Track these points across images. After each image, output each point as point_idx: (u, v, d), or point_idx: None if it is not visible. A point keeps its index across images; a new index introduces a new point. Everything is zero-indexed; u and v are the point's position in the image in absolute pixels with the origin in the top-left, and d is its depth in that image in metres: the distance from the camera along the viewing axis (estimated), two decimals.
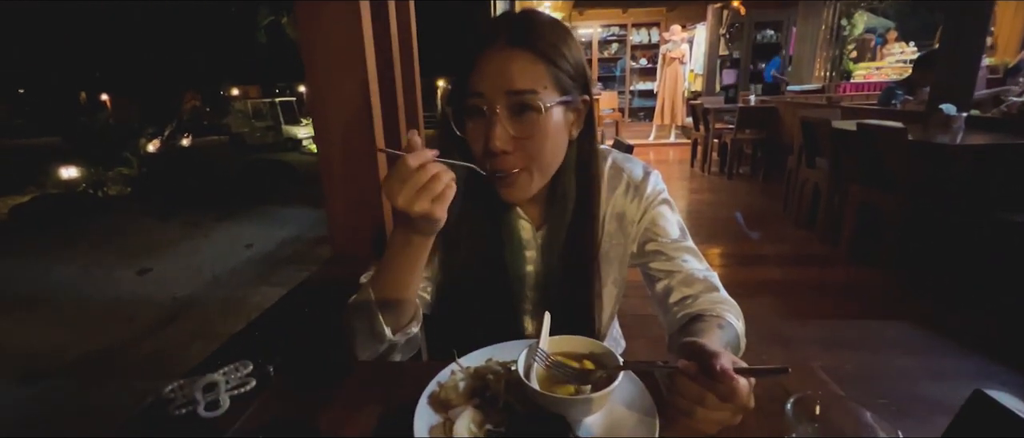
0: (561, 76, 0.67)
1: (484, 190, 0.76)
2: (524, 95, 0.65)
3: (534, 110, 0.65)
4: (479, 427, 0.54)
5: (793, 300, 2.53)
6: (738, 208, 4.31)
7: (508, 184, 0.70)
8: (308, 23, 1.25)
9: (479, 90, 0.66)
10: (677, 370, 0.49)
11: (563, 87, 0.68)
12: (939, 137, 2.54)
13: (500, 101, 0.65)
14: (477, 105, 0.66)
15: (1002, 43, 5.32)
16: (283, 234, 5.31)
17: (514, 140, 0.66)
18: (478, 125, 0.68)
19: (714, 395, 0.47)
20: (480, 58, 0.66)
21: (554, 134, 0.68)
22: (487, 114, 0.66)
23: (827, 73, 7.52)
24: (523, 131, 0.66)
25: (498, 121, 0.65)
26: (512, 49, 0.66)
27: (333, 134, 1.32)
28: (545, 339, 0.61)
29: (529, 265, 0.81)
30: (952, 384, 1.71)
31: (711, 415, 0.48)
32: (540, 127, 0.66)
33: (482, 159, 0.69)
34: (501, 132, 0.65)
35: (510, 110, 0.66)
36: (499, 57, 0.65)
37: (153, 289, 3.95)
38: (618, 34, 10.73)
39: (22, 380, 2.67)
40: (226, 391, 0.65)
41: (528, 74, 0.65)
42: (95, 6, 12.20)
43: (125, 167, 8.25)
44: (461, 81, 0.68)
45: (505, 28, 0.67)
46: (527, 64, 0.65)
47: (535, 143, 0.67)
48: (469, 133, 0.69)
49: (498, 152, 0.66)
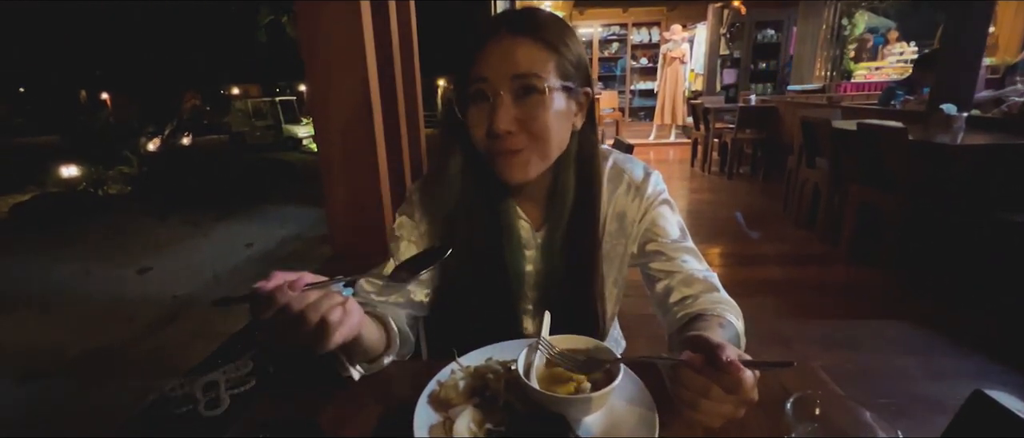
0: (564, 63, 0.69)
1: (484, 191, 0.76)
2: (528, 78, 0.66)
3: (538, 92, 0.67)
4: (479, 426, 0.54)
5: (793, 300, 2.53)
6: (738, 208, 4.31)
7: (509, 164, 0.70)
8: (308, 23, 1.25)
9: (483, 75, 0.67)
10: (681, 363, 0.49)
11: (565, 74, 0.70)
12: (939, 137, 2.54)
13: (504, 85, 0.66)
14: (481, 90, 0.68)
15: (1003, 42, 5.32)
16: (283, 233, 5.31)
17: (517, 122, 0.68)
18: (480, 110, 0.69)
19: (719, 387, 0.47)
20: (483, 48, 0.68)
21: (556, 117, 0.69)
22: (491, 98, 0.67)
23: (828, 73, 7.52)
24: (526, 113, 0.68)
25: (502, 104, 0.66)
26: (516, 37, 0.67)
27: (333, 133, 1.32)
28: (545, 338, 0.62)
29: (529, 264, 0.81)
30: (952, 384, 1.72)
31: (716, 407, 0.48)
32: (543, 108, 0.68)
33: (484, 142, 0.70)
34: (504, 114, 0.66)
35: (514, 94, 0.67)
36: (503, 45, 0.67)
37: (153, 288, 3.96)
38: (618, 33, 10.73)
39: (22, 379, 2.67)
40: (226, 390, 0.65)
41: (532, 59, 0.67)
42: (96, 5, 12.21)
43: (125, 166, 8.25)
44: (463, 71, 0.70)
45: (507, 20, 0.69)
46: (531, 50, 0.67)
47: (538, 124, 0.68)
48: (471, 118, 0.70)
49: (502, 133, 0.67)
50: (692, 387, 0.48)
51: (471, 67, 0.68)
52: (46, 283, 4.20)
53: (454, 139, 0.74)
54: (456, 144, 0.75)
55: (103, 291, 3.95)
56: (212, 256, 4.67)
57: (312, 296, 0.52)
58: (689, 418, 0.50)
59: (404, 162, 1.66)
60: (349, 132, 1.31)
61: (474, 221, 0.77)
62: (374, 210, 1.37)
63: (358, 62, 1.27)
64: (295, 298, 0.51)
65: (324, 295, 0.53)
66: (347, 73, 1.27)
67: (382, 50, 1.47)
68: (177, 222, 5.97)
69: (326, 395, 0.65)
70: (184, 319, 3.33)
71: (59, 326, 3.36)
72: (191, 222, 5.91)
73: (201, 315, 3.38)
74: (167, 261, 4.61)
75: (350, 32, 1.24)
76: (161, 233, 5.60)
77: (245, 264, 4.46)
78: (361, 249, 1.38)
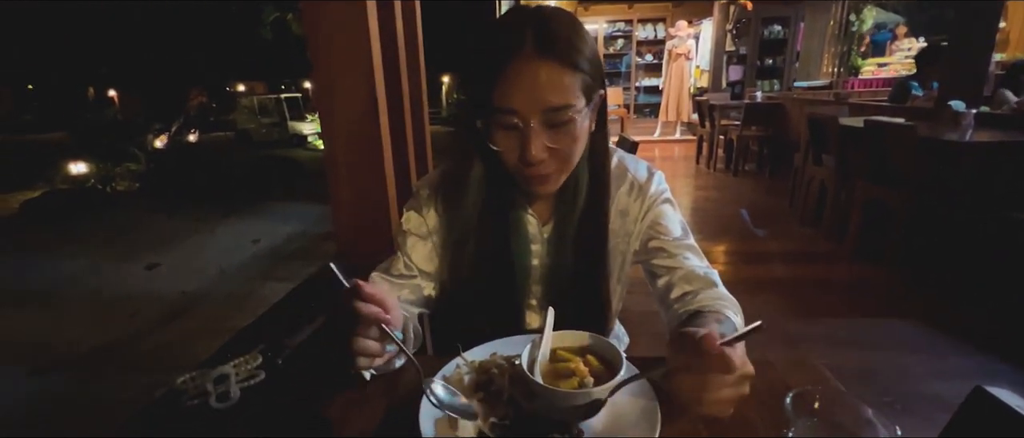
0: (587, 80, 0.67)
1: (497, 193, 0.77)
2: (559, 111, 0.65)
3: (567, 121, 0.66)
4: (484, 420, 0.55)
5: (798, 297, 2.53)
6: (744, 205, 4.29)
7: (539, 182, 0.71)
8: (314, 22, 1.26)
9: (512, 106, 0.65)
10: (669, 372, 0.50)
11: (589, 92, 0.68)
12: (948, 134, 2.52)
13: (535, 117, 0.65)
14: (511, 122, 0.66)
15: (1014, 38, 5.26)
16: (289, 230, 5.34)
17: (547, 149, 0.67)
18: (510, 137, 0.67)
19: (712, 377, 0.47)
20: (507, 70, 0.64)
21: (583, 136, 0.70)
22: (522, 128, 0.66)
23: (835, 69, 7.46)
24: (557, 141, 0.67)
25: (534, 134, 0.65)
26: (541, 61, 0.64)
27: (339, 131, 1.33)
28: (549, 334, 0.62)
29: (535, 259, 0.82)
30: (955, 382, 1.71)
31: (718, 395, 0.47)
32: (572, 135, 0.68)
33: (515, 165, 0.70)
34: (537, 143, 0.66)
35: (544, 124, 0.66)
36: (528, 71, 0.64)
37: (162, 284, 3.99)
38: (624, 30, 10.68)
39: (32, 372, 2.71)
40: (236, 383, 0.66)
41: (561, 89, 0.65)
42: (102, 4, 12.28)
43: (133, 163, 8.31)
44: (483, 91, 0.66)
45: (529, 34, 0.64)
46: (558, 77, 0.64)
47: (568, 149, 0.69)
48: (500, 142, 0.68)
49: (535, 163, 0.67)
50: (688, 388, 0.48)
51: (494, 89, 0.65)
52: (56, 279, 4.24)
53: (471, 146, 0.74)
54: (473, 150, 0.74)
55: (111, 287, 3.99)
56: (219, 252, 4.70)
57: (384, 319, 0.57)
58: (699, 415, 0.50)
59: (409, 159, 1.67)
60: (355, 130, 1.32)
61: (483, 218, 0.78)
62: (379, 207, 1.38)
63: (363, 60, 1.27)
64: (374, 309, 0.56)
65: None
66: (353, 71, 1.28)
67: (387, 48, 1.47)
68: (184, 219, 6.01)
69: (333, 389, 0.66)
70: (192, 315, 3.36)
71: (68, 321, 3.40)
72: (198, 219, 5.95)
73: (209, 310, 3.41)
74: (175, 257, 4.64)
75: (355, 30, 1.25)
76: (168, 229, 5.64)
77: (252, 260, 4.49)
78: (366, 246, 1.39)
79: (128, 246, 5.05)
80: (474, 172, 0.75)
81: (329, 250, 4.33)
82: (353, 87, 1.29)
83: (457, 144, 0.77)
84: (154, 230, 5.65)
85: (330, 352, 0.64)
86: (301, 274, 3.68)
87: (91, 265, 4.49)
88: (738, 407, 0.56)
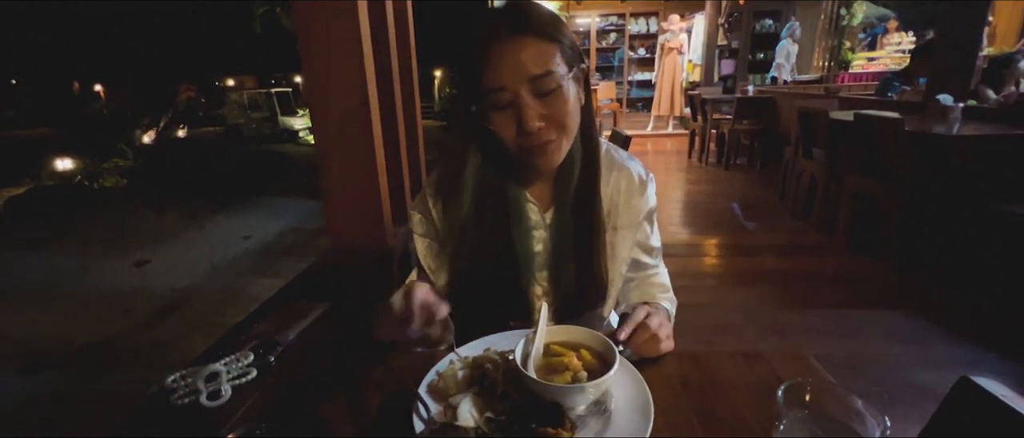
0: (565, 50, 0.72)
1: (498, 183, 0.80)
2: (543, 78, 0.69)
3: (555, 87, 0.70)
4: (480, 414, 0.55)
5: (789, 290, 2.55)
6: (735, 199, 4.32)
7: (542, 153, 0.74)
8: (305, 14, 1.24)
9: (499, 84, 0.69)
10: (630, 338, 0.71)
11: (569, 61, 0.73)
12: (936, 127, 2.55)
13: (523, 88, 0.69)
14: (502, 98, 0.70)
15: (1001, 32, 5.32)
16: (281, 225, 5.30)
17: (542, 117, 0.71)
18: (504, 115, 0.72)
19: (649, 337, 0.71)
20: (488, 54, 0.69)
21: (572, 101, 0.74)
22: (513, 101, 0.70)
23: (826, 63, 7.50)
24: (548, 108, 0.71)
25: (526, 104, 0.70)
26: (518, 37, 0.69)
27: (331, 126, 1.32)
28: (543, 329, 0.62)
29: (538, 244, 0.84)
30: (943, 372, 1.74)
31: (654, 347, 0.71)
32: (562, 99, 0.71)
33: (515, 141, 0.73)
34: (531, 113, 0.70)
35: (533, 94, 0.70)
36: (508, 48, 0.69)
37: (152, 281, 3.96)
38: (616, 24, 10.67)
39: (21, 371, 2.68)
40: (228, 381, 0.65)
41: (540, 58, 0.69)
42: None
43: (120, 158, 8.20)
44: (471, 80, 0.72)
45: (503, 20, 0.70)
46: (535, 48, 0.69)
47: (561, 113, 0.72)
48: (496, 123, 0.73)
49: (533, 131, 0.71)
50: (640, 344, 0.71)
51: (481, 76, 0.70)
52: (43, 276, 4.19)
53: (468, 139, 0.78)
54: (471, 144, 0.78)
55: (101, 284, 3.95)
56: (210, 248, 4.66)
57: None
58: (645, 355, 0.71)
59: (401, 154, 1.66)
60: (346, 124, 1.31)
61: (486, 210, 0.80)
62: (372, 202, 1.37)
63: (355, 54, 1.26)
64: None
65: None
66: (344, 66, 1.27)
67: (379, 42, 1.46)
68: (174, 215, 5.95)
69: (327, 386, 0.66)
70: (183, 311, 3.34)
71: (57, 319, 3.36)
72: (188, 214, 5.89)
73: (200, 308, 3.39)
74: (165, 253, 4.60)
75: (347, 24, 1.24)
76: (158, 226, 5.58)
77: (243, 256, 4.46)
78: (359, 241, 1.38)
79: (117, 243, 4.99)
80: (470, 168, 0.79)
81: (322, 245, 4.30)
82: (344, 82, 1.28)
83: (452, 141, 0.81)
84: (143, 226, 5.59)
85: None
86: (293, 270, 3.66)
87: (79, 262, 4.44)
88: (730, 400, 0.59)
